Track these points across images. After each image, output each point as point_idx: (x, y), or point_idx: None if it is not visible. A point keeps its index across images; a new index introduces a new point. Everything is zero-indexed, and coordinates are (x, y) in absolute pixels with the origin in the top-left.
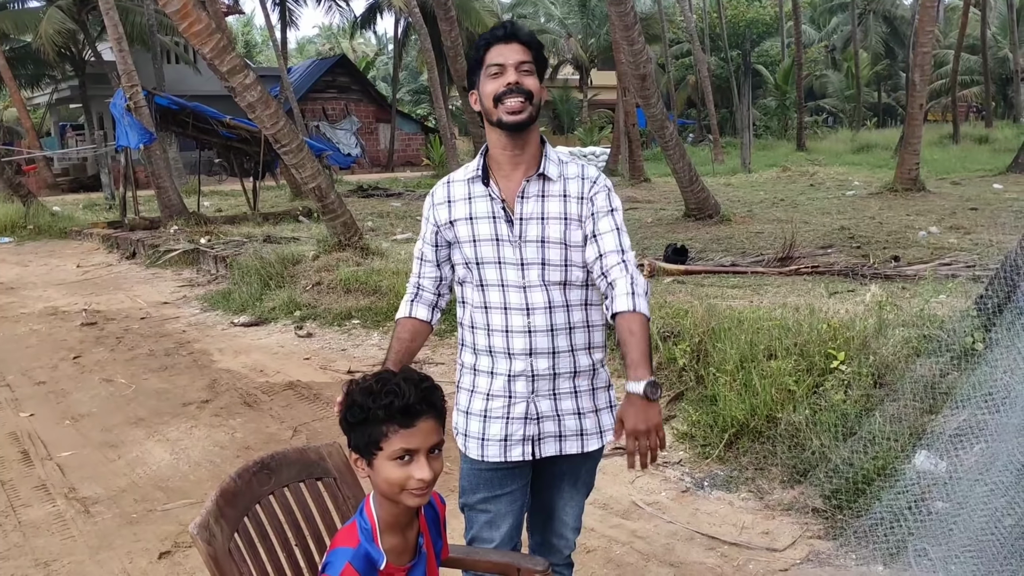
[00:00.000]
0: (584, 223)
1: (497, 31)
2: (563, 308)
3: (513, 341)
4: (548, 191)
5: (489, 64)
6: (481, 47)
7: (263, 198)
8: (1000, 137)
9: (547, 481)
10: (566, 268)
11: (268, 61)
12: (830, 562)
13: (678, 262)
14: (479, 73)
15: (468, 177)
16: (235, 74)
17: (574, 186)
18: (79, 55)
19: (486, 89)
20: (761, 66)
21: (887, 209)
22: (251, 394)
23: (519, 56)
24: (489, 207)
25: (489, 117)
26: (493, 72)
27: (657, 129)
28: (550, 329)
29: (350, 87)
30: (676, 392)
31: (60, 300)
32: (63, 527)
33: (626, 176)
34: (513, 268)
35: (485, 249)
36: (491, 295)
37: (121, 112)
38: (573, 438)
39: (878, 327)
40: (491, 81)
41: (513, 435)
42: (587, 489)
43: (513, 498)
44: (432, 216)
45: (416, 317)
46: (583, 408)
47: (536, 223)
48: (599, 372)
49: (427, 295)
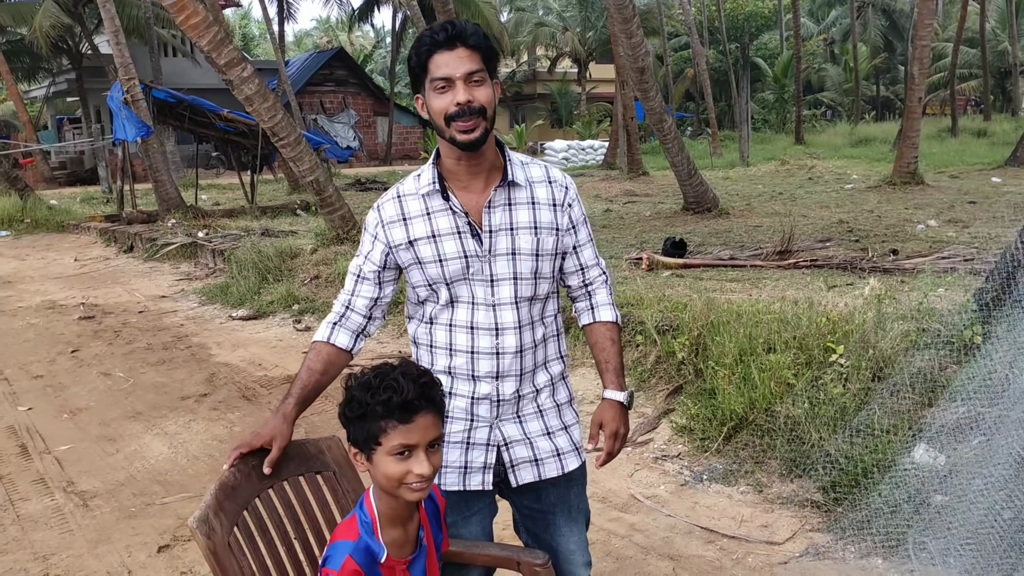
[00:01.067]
0: (561, 234)
1: (438, 34)
2: (530, 326)
3: (479, 363)
4: (515, 198)
5: (435, 77)
6: (423, 53)
7: (261, 191)
8: (998, 131)
9: (541, 522)
10: (536, 282)
11: (266, 54)
12: (829, 555)
13: (677, 256)
14: (423, 80)
15: (423, 191)
16: (232, 67)
17: (542, 191)
18: (76, 48)
19: (434, 105)
20: (760, 59)
21: (885, 202)
22: (249, 388)
23: (468, 66)
24: (452, 222)
25: (440, 133)
26: (440, 86)
27: (655, 122)
28: (519, 350)
29: (348, 80)
30: (675, 386)
31: (57, 294)
32: (62, 521)
33: (624, 169)
34: (482, 285)
35: (452, 267)
36: (458, 313)
37: (118, 105)
38: (551, 460)
39: (877, 320)
40: (439, 96)
41: (473, 463)
42: (584, 517)
43: (483, 516)
44: (383, 236)
45: (335, 344)
46: (552, 427)
47: (506, 234)
48: (558, 387)
49: (356, 317)
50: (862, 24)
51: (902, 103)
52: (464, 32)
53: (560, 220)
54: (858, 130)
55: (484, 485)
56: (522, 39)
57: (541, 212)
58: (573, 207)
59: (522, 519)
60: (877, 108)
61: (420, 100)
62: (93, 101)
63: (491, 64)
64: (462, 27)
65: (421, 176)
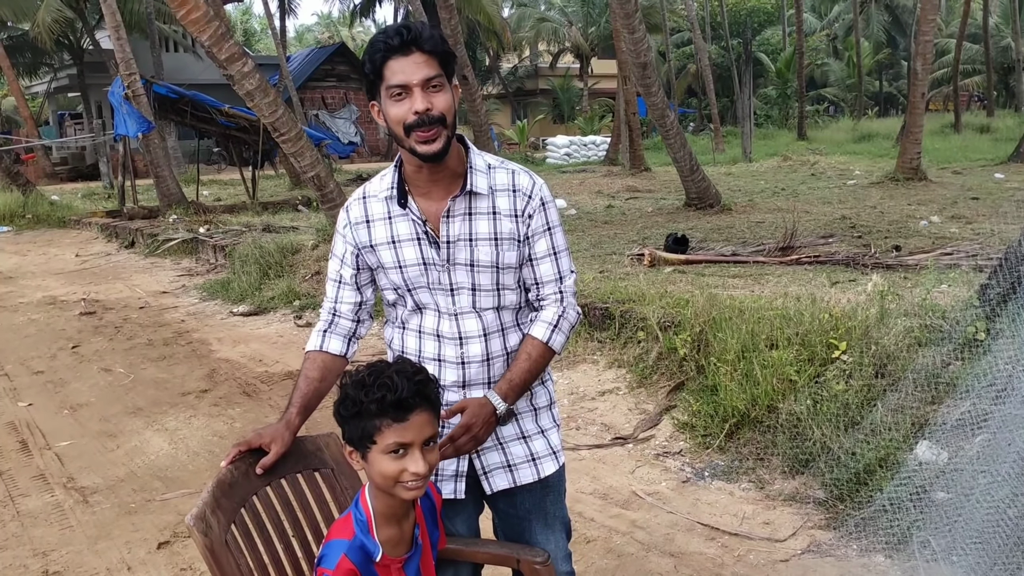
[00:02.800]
0: (520, 243)
1: (392, 39)
2: (498, 333)
3: (445, 372)
4: (476, 208)
5: (390, 84)
6: (377, 60)
7: (262, 187)
8: (1002, 126)
9: (516, 528)
10: (498, 293)
11: (267, 50)
12: (831, 552)
13: (679, 252)
14: (379, 87)
15: (384, 195)
16: (233, 62)
17: (504, 201)
18: (77, 43)
19: (392, 113)
20: (762, 55)
21: (888, 198)
22: (250, 384)
23: (424, 72)
24: (411, 228)
25: (400, 143)
26: (396, 94)
27: (658, 118)
28: (485, 359)
29: (349, 76)
30: (676, 382)
31: (58, 289)
32: (61, 517)
33: (626, 165)
34: (443, 294)
35: (413, 273)
36: (426, 320)
37: (119, 101)
38: (525, 465)
39: (880, 317)
40: (395, 104)
41: (444, 470)
42: (562, 526)
43: (467, 516)
44: (351, 236)
45: (328, 351)
46: (527, 431)
47: (464, 245)
48: (536, 392)
49: (344, 323)
50: (865, 19)
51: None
52: (420, 36)
53: (523, 230)
54: (861, 126)
55: (456, 494)
56: (524, 34)
57: (502, 223)
58: (534, 217)
59: (500, 523)
60: (880, 104)
61: (376, 107)
62: (94, 96)
63: (449, 68)
64: (417, 31)
65: (384, 178)
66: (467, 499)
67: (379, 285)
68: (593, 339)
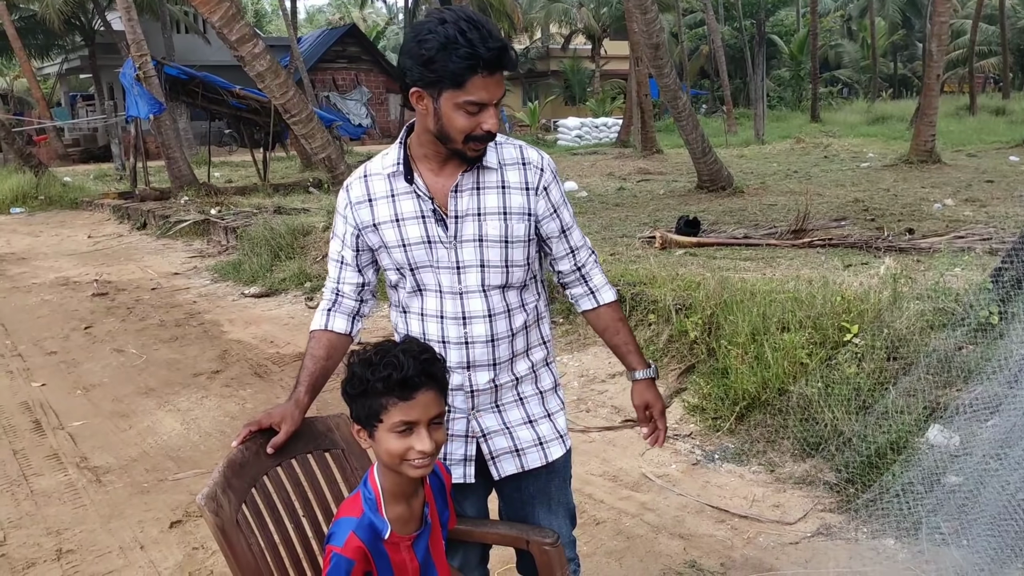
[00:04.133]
0: (540, 219)
1: (487, 52)
2: (504, 314)
3: (449, 353)
4: (485, 182)
5: (469, 99)
6: (463, 68)
7: (273, 169)
8: (1017, 109)
9: (520, 512)
10: (507, 270)
11: (278, 31)
12: (841, 535)
13: (690, 234)
14: (444, 87)
15: (387, 172)
16: (244, 43)
17: (514, 174)
18: (88, 24)
19: (458, 122)
20: (776, 36)
21: (902, 181)
22: (261, 365)
23: (501, 90)
24: (416, 206)
25: (448, 142)
26: (471, 109)
27: (670, 100)
28: (490, 339)
29: (360, 57)
30: (687, 365)
31: (71, 270)
32: (75, 496)
33: (638, 147)
34: (448, 272)
35: (417, 252)
36: (428, 302)
37: (131, 82)
38: (533, 449)
39: (892, 300)
40: (464, 116)
41: (452, 455)
42: (566, 512)
43: (476, 498)
44: (351, 216)
45: (333, 330)
46: (534, 415)
47: (472, 220)
48: (541, 374)
49: (347, 302)
50: (880, 0)
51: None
52: (508, 55)
53: (534, 205)
54: (875, 108)
55: (465, 478)
56: (535, 15)
57: (512, 196)
58: (551, 190)
59: (504, 507)
60: (894, 86)
61: (421, 95)
62: (106, 78)
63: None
64: (506, 47)
65: (387, 156)
66: (476, 483)
67: (381, 266)
68: None
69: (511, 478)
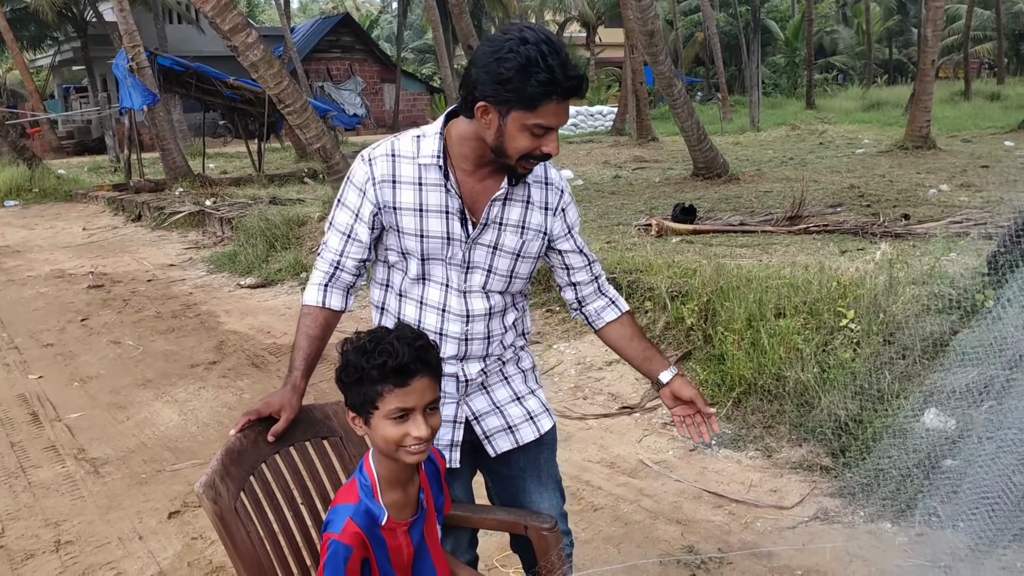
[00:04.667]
0: (555, 238)
1: (567, 81)
2: (500, 314)
3: (446, 345)
4: (513, 195)
5: (539, 123)
6: (543, 92)
7: (268, 159)
8: (1012, 94)
9: (511, 487)
10: (510, 280)
11: (271, 21)
12: (838, 519)
13: (686, 221)
14: (513, 105)
15: (422, 161)
16: (237, 33)
17: (538, 192)
18: (80, 16)
19: (519, 143)
20: (771, 22)
21: (897, 167)
22: (258, 355)
23: (567, 117)
24: (443, 200)
25: (502, 156)
26: (537, 132)
27: (665, 87)
28: (487, 336)
29: (354, 47)
30: (684, 351)
31: (66, 263)
32: (73, 488)
33: (634, 135)
34: (457, 270)
35: (433, 245)
36: (430, 292)
37: (124, 73)
38: (525, 424)
39: (888, 285)
40: (528, 138)
41: (440, 440)
42: (555, 484)
43: (462, 482)
44: (373, 194)
45: (329, 307)
46: (520, 392)
47: (494, 228)
48: (522, 356)
49: (346, 277)
50: None
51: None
52: (584, 85)
53: (551, 224)
54: (870, 94)
55: (452, 463)
56: (530, 3)
57: (533, 214)
58: (568, 211)
59: (493, 485)
60: (889, 72)
61: (487, 109)
62: (99, 70)
63: None
64: (584, 78)
65: (422, 142)
66: (462, 467)
67: (384, 245)
68: None
69: (502, 455)
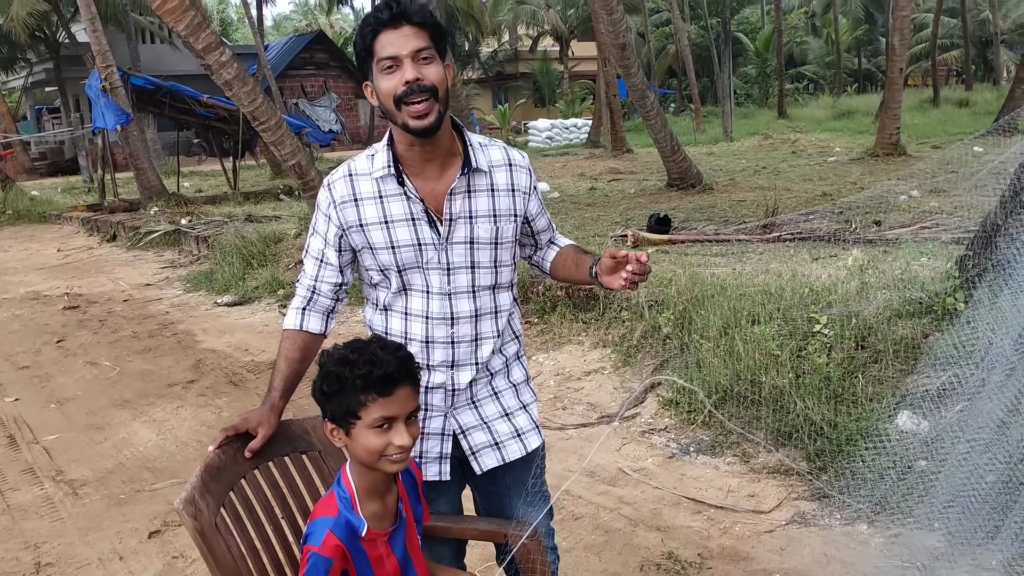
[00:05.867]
0: (534, 217)
1: (382, 13)
2: (490, 315)
3: (433, 352)
4: (476, 185)
5: (381, 57)
6: (367, 34)
7: (243, 177)
8: (980, 100)
9: (497, 504)
10: (496, 270)
11: (244, 39)
12: (815, 522)
13: (661, 232)
14: (370, 64)
15: (377, 175)
16: (211, 51)
17: (502, 176)
18: (52, 37)
19: (382, 87)
20: (741, 34)
21: (868, 174)
22: (236, 373)
23: (415, 43)
24: (406, 208)
25: (392, 119)
26: (387, 66)
27: (638, 99)
28: (474, 339)
29: (328, 64)
30: (661, 360)
31: (41, 284)
32: (52, 509)
33: (608, 147)
34: (437, 273)
35: (406, 254)
36: (413, 302)
37: (97, 94)
38: (512, 441)
39: (860, 290)
40: (386, 77)
41: (429, 452)
42: (542, 501)
43: (449, 496)
44: (336, 216)
45: (308, 330)
46: (510, 408)
47: (464, 222)
48: (513, 367)
49: (323, 301)
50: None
51: (884, 75)
52: (408, 10)
53: (519, 206)
54: (840, 103)
55: (441, 476)
56: (503, 17)
57: (500, 199)
58: (538, 188)
59: (481, 501)
60: (859, 80)
61: (369, 87)
62: (72, 90)
63: (440, 44)
64: (406, 4)
65: (375, 158)
66: (451, 480)
67: (363, 266)
68: (578, 320)
69: (488, 471)
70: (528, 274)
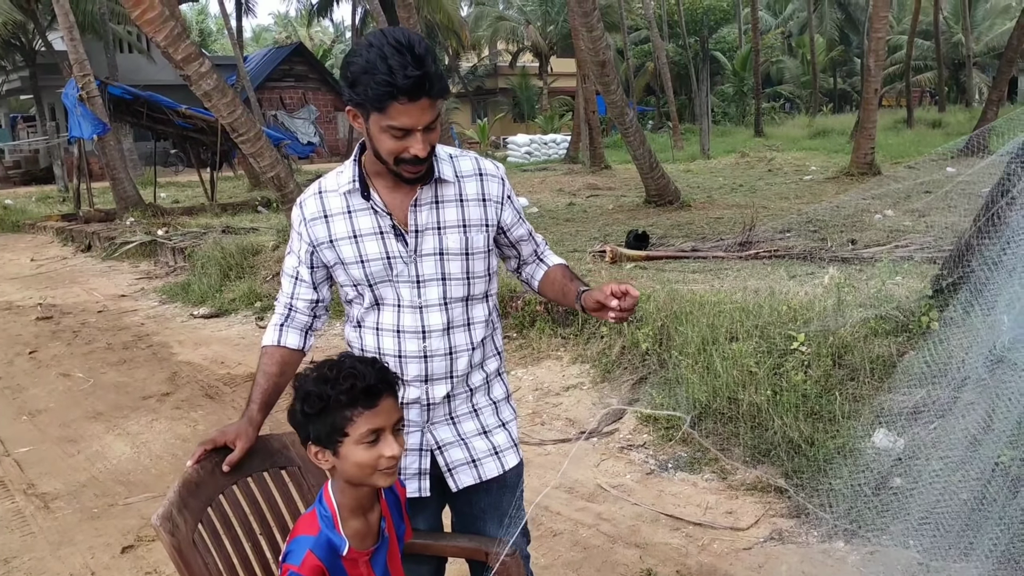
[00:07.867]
0: (510, 227)
1: (404, 80)
2: (464, 328)
3: (407, 367)
4: (443, 195)
5: (392, 125)
6: (382, 95)
7: (221, 188)
8: (953, 121)
9: (471, 527)
10: (468, 282)
11: (224, 50)
12: (793, 539)
13: (640, 248)
14: (369, 110)
15: (344, 190)
16: (190, 62)
17: (473, 186)
18: (29, 45)
19: (385, 145)
20: (719, 53)
21: (844, 193)
22: (212, 386)
23: (429, 116)
24: (374, 222)
25: (382, 162)
26: (396, 134)
27: (617, 116)
28: (449, 352)
29: (308, 76)
30: (639, 376)
31: (14, 294)
32: (23, 523)
33: (587, 163)
34: (408, 286)
35: (375, 268)
36: (384, 316)
37: (73, 103)
38: (489, 459)
39: (837, 308)
40: (391, 140)
41: (408, 468)
42: (518, 525)
43: (429, 513)
44: (307, 233)
45: (286, 345)
46: (488, 425)
47: (432, 233)
48: (493, 384)
49: (301, 317)
50: (819, 17)
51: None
52: (432, 83)
53: (491, 215)
54: (816, 122)
55: (421, 492)
56: (483, 33)
57: (470, 209)
58: (512, 198)
59: (456, 521)
60: (835, 100)
61: (355, 115)
62: (48, 99)
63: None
64: (429, 75)
65: (343, 174)
66: (431, 497)
67: (337, 282)
68: (557, 335)
69: (464, 492)
70: (507, 288)
